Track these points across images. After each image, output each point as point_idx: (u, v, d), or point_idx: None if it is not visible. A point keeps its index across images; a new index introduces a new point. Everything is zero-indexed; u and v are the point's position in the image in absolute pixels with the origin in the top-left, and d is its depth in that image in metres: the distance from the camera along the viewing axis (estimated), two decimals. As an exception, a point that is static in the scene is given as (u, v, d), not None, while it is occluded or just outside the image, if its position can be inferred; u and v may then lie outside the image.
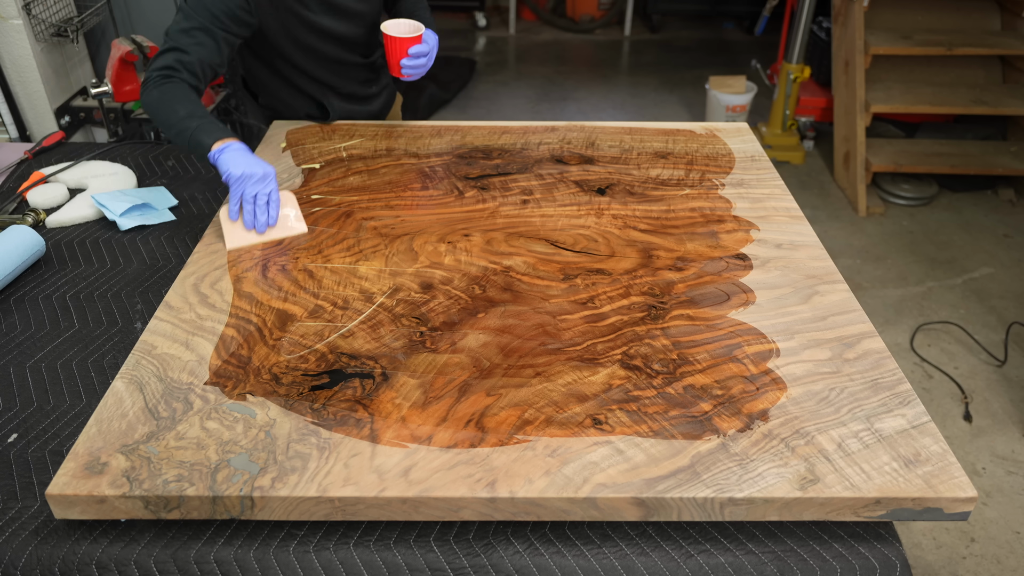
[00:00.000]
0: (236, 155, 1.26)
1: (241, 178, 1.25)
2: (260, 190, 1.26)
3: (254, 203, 1.25)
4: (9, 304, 1.23)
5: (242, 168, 1.25)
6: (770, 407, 0.95)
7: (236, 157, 1.26)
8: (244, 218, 1.26)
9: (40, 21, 1.94)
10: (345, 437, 0.90)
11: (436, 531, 0.87)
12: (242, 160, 1.26)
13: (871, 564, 0.84)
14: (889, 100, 3.32)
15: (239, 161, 1.25)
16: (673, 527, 0.88)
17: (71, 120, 2.10)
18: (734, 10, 5.65)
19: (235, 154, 1.26)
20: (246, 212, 1.26)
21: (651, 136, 1.65)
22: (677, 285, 1.17)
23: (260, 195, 1.25)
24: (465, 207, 1.38)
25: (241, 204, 1.26)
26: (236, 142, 1.29)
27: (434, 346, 1.05)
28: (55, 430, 0.99)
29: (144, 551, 0.85)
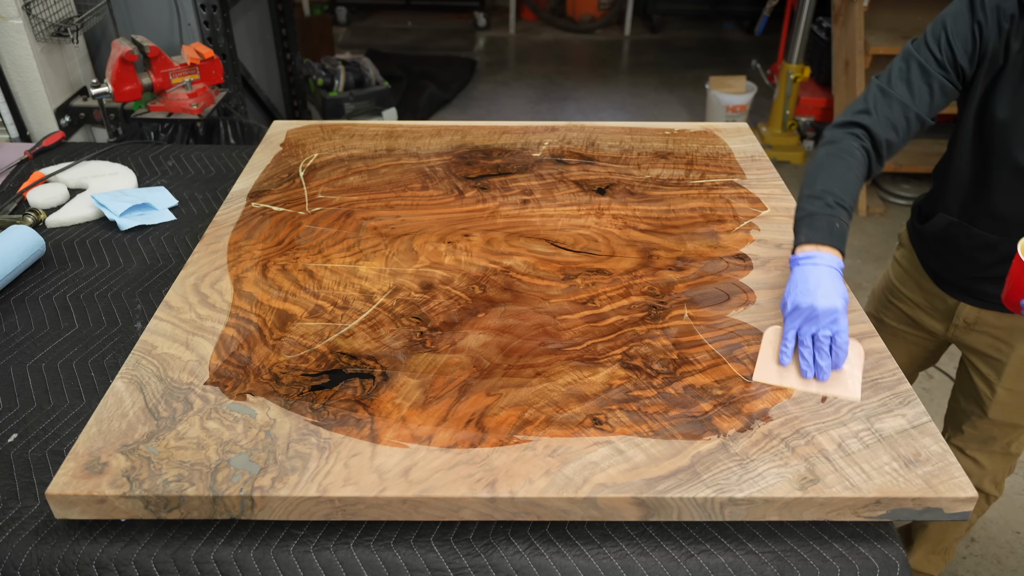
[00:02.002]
0: (805, 275, 1.01)
1: (794, 312, 1.00)
2: (820, 331, 0.99)
3: (812, 345, 0.99)
4: (9, 304, 1.23)
5: (797, 298, 1.00)
6: (770, 407, 0.95)
7: (803, 278, 1.01)
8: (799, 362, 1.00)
9: (40, 21, 1.93)
10: (345, 437, 0.90)
11: (436, 531, 0.87)
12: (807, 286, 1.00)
13: (871, 564, 0.84)
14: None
15: (802, 286, 1.00)
16: (673, 527, 0.88)
17: (71, 120, 2.10)
18: (734, 10, 5.65)
19: (805, 272, 1.01)
20: (801, 356, 0.99)
21: (651, 136, 1.65)
22: (677, 285, 1.17)
23: (821, 336, 0.99)
24: (465, 207, 1.38)
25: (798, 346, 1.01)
26: (826, 254, 1.02)
27: (434, 346, 1.05)
28: (55, 430, 0.99)
29: (144, 551, 0.85)
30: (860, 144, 1.13)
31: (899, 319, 1.48)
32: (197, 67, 2.07)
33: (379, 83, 3.77)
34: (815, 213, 1.06)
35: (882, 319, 1.51)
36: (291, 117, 3.59)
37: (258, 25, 3.19)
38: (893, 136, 1.14)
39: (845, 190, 1.08)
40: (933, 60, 1.13)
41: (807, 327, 1.00)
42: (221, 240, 1.28)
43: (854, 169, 1.11)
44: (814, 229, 1.05)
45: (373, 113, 3.73)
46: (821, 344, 0.98)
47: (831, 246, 1.03)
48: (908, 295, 1.44)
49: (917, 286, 1.42)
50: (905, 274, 1.44)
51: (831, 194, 1.07)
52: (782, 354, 1.01)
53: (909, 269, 1.43)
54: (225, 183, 1.58)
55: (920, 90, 1.14)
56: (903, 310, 1.46)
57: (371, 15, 5.93)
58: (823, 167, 1.12)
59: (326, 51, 4.33)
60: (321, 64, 3.74)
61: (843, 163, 1.11)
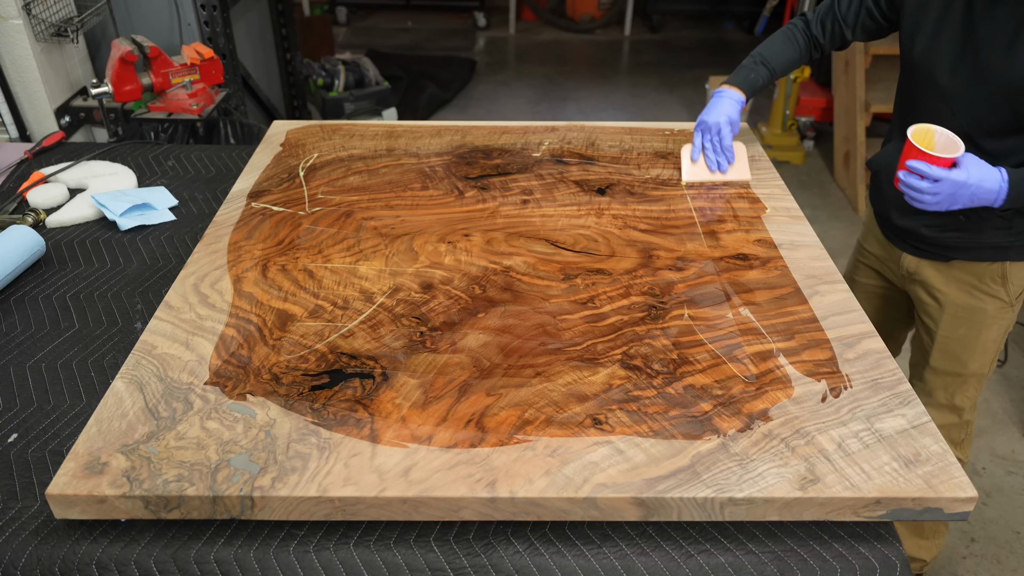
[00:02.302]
0: (716, 103, 1.45)
1: (700, 123, 1.47)
2: (713, 137, 1.45)
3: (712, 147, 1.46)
4: (9, 304, 1.23)
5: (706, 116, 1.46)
6: (770, 407, 0.95)
7: (714, 103, 1.45)
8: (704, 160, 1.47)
9: (40, 21, 1.93)
10: (345, 437, 0.90)
11: (436, 531, 0.87)
12: (712, 110, 1.45)
13: (871, 564, 0.84)
14: (889, 100, 3.32)
15: (712, 110, 1.45)
16: (673, 527, 0.88)
17: (71, 120, 2.10)
18: (734, 10, 5.65)
19: (716, 100, 1.46)
20: (706, 155, 1.47)
21: (651, 136, 1.65)
22: (677, 285, 1.17)
23: (714, 140, 1.46)
24: (465, 207, 1.38)
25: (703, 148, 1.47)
26: (731, 90, 1.46)
27: (434, 346, 1.05)
28: (55, 430, 0.99)
29: (144, 551, 0.85)
30: (802, 28, 1.47)
31: (867, 275, 1.59)
32: (197, 67, 2.07)
33: (379, 83, 3.77)
34: (744, 66, 1.48)
35: (854, 279, 1.63)
36: (291, 117, 3.59)
37: (258, 25, 3.19)
38: (820, 33, 1.45)
39: (773, 55, 1.47)
40: None
41: (705, 135, 1.47)
42: (221, 240, 1.28)
43: (789, 43, 1.47)
44: (735, 75, 1.48)
45: (373, 113, 3.73)
46: (714, 145, 1.47)
47: (737, 87, 1.46)
48: (870, 250, 1.56)
49: (875, 240, 1.54)
50: (867, 230, 1.58)
51: (761, 55, 1.47)
52: (694, 150, 1.48)
53: (869, 224, 1.56)
54: (225, 183, 1.58)
55: (853, 8, 1.40)
56: (870, 265, 1.58)
57: (371, 15, 5.93)
58: (772, 38, 1.49)
59: (326, 51, 4.33)
60: (321, 64, 3.74)
61: (782, 36, 1.48)
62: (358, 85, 3.71)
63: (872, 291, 1.60)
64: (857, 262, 1.62)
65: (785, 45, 1.47)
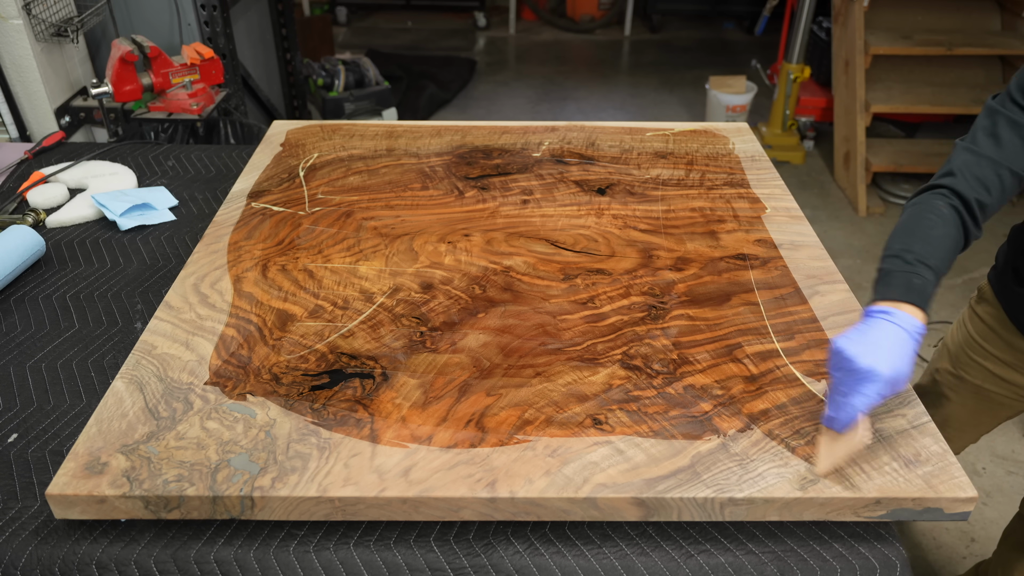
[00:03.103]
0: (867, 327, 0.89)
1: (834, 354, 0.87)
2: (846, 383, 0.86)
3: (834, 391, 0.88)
4: (9, 304, 1.23)
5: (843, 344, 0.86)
6: (770, 407, 0.95)
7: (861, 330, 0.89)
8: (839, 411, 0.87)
9: (40, 21, 1.93)
10: (345, 437, 0.90)
11: (436, 531, 0.87)
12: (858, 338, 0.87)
13: (871, 564, 0.84)
14: (889, 100, 3.32)
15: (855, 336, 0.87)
16: (673, 527, 0.88)
17: (71, 120, 2.10)
18: (734, 10, 5.65)
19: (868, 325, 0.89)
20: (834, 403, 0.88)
21: (651, 136, 1.65)
22: (677, 285, 1.17)
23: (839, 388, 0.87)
24: (465, 207, 1.38)
25: None
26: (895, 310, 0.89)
27: (434, 346, 1.05)
28: (55, 430, 0.99)
29: (144, 551, 0.85)
30: (947, 202, 1.01)
31: (984, 377, 1.37)
32: (197, 67, 2.07)
33: (379, 83, 3.77)
34: (892, 271, 0.95)
35: (962, 376, 1.40)
36: (291, 117, 3.59)
37: (258, 25, 3.19)
38: (985, 195, 1.01)
39: (928, 247, 0.96)
40: (1020, 110, 1.02)
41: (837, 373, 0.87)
42: (221, 240, 1.28)
43: (939, 227, 0.99)
44: (890, 286, 0.93)
45: (373, 113, 3.73)
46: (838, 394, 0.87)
47: (912, 303, 0.91)
48: (993, 352, 1.33)
49: (1005, 344, 1.31)
50: (989, 331, 1.33)
51: (911, 252, 0.96)
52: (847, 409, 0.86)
53: (995, 327, 1.32)
54: (225, 183, 1.58)
55: (1011, 144, 1.02)
56: (987, 367, 1.35)
57: (371, 15, 5.93)
58: (902, 226, 1.00)
59: (326, 51, 4.33)
60: (321, 64, 3.74)
61: (926, 221, 0.99)
62: (358, 85, 3.71)
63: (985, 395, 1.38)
64: (969, 359, 1.38)
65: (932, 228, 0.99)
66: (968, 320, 1.40)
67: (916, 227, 0.99)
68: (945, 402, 1.45)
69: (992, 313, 1.33)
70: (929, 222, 1.00)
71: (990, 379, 1.36)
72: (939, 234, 0.98)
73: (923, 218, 1.00)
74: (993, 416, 1.43)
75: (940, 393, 1.46)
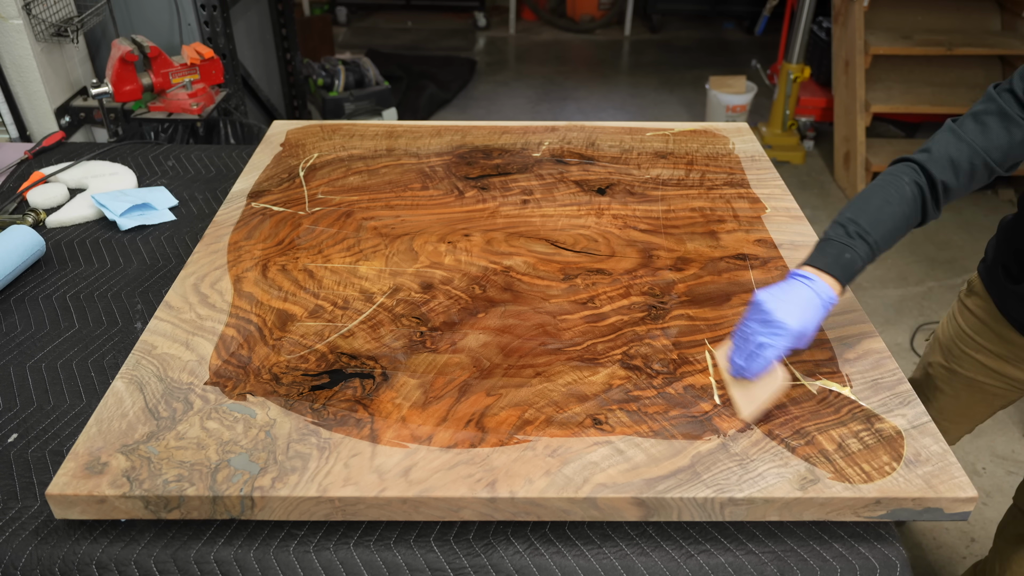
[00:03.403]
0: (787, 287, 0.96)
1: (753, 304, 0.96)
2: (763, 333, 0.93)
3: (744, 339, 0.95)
4: (9, 304, 1.23)
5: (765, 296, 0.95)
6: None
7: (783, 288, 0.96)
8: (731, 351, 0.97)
9: (40, 21, 1.93)
10: (345, 437, 0.90)
11: (436, 531, 0.87)
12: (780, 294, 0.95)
13: (871, 564, 0.84)
14: (889, 100, 3.32)
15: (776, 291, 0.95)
16: (673, 527, 0.88)
17: (71, 120, 2.10)
18: (734, 10, 5.65)
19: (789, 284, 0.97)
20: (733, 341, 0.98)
21: (651, 136, 1.65)
22: (677, 285, 1.17)
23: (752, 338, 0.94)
24: (465, 207, 1.38)
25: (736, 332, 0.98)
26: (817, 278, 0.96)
27: (434, 346, 1.05)
28: (55, 430, 0.99)
29: (144, 551, 0.85)
30: (913, 179, 1.03)
31: (976, 369, 1.38)
32: (197, 67, 2.07)
33: (379, 83, 3.77)
34: (831, 239, 1.00)
35: (954, 369, 1.41)
36: (291, 117, 3.59)
37: (258, 25, 3.19)
38: (952, 180, 1.02)
39: (875, 222, 1.00)
40: (1016, 104, 1.01)
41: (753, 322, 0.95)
42: (221, 240, 1.28)
43: (895, 204, 1.01)
44: (821, 254, 0.99)
45: (373, 113, 3.73)
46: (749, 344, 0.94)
47: (832, 275, 0.97)
48: (985, 344, 1.35)
49: (997, 336, 1.32)
50: (980, 324, 1.35)
51: (856, 224, 1.00)
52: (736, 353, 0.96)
53: (985, 320, 1.34)
54: (225, 183, 1.58)
55: (996, 135, 1.01)
56: (980, 360, 1.36)
57: (371, 15, 5.93)
58: (863, 195, 1.04)
59: (326, 51, 4.33)
60: (321, 64, 3.74)
61: (885, 195, 1.02)
62: (358, 85, 3.71)
63: (979, 386, 1.40)
64: (961, 352, 1.39)
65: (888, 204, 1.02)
66: (958, 313, 1.41)
67: (873, 199, 1.02)
68: (939, 395, 1.47)
69: (982, 306, 1.34)
70: (887, 196, 1.02)
71: (982, 371, 1.37)
72: (892, 211, 1.01)
73: (884, 191, 1.03)
74: (987, 406, 1.44)
75: (934, 386, 1.48)
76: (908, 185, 1.02)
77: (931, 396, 1.48)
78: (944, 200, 1.03)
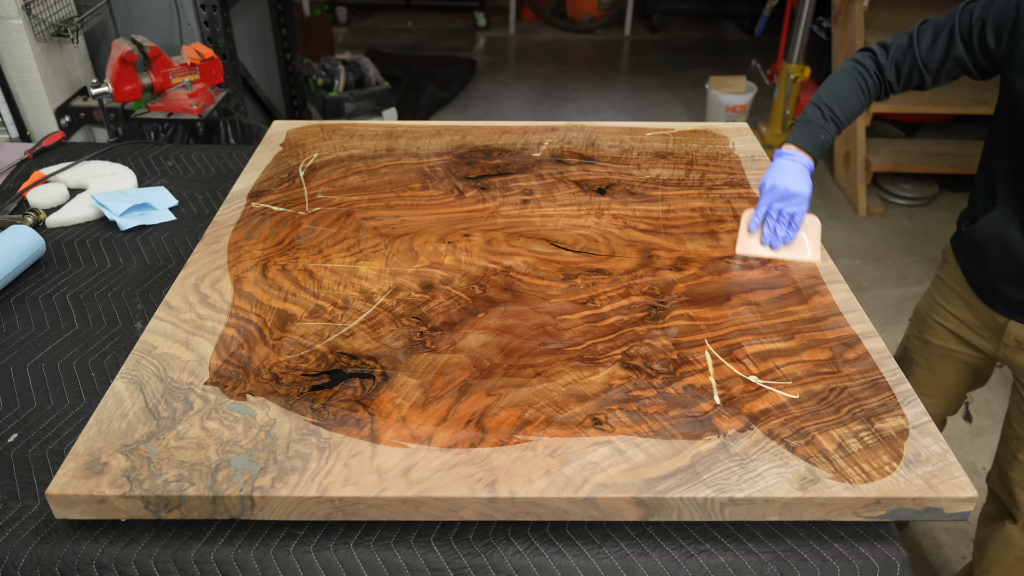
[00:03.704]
0: (784, 166, 1.23)
1: (770, 190, 1.22)
2: (785, 207, 1.22)
3: (776, 218, 1.22)
4: (9, 304, 1.23)
5: (775, 181, 1.22)
6: (770, 407, 0.95)
7: (782, 168, 1.23)
8: (764, 230, 1.24)
9: (40, 21, 1.93)
10: (345, 437, 0.90)
11: (436, 531, 0.87)
12: (784, 174, 1.22)
13: (871, 564, 0.84)
14: (889, 100, 3.32)
15: (780, 174, 1.22)
16: (673, 527, 0.88)
17: (71, 120, 2.10)
18: (734, 10, 5.65)
19: (784, 164, 1.23)
20: (767, 225, 1.23)
21: (651, 136, 1.65)
22: (677, 285, 1.17)
23: (784, 212, 1.22)
24: (465, 207, 1.38)
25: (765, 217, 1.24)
26: (800, 154, 1.24)
27: (434, 346, 1.05)
28: (55, 430, 0.99)
29: (144, 551, 0.85)
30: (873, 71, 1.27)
31: (945, 337, 1.45)
32: (197, 67, 2.07)
33: (379, 83, 3.77)
34: (811, 121, 1.27)
35: (927, 339, 1.48)
36: (291, 117, 3.59)
37: (258, 25, 3.19)
38: (895, 80, 1.27)
39: (844, 106, 1.26)
40: (967, 28, 1.17)
41: (777, 204, 1.23)
42: (221, 240, 1.28)
43: (859, 92, 1.27)
44: (804, 135, 1.26)
45: (373, 113, 3.73)
46: (783, 218, 1.22)
47: (809, 153, 1.25)
48: (954, 312, 1.41)
49: (964, 303, 1.39)
50: (950, 291, 1.42)
51: (830, 108, 1.26)
52: (752, 222, 1.25)
53: (954, 286, 1.41)
54: (225, 183, 1.58)
55: (939, 51, 1.20)
56: (949, 328, 1.43)
57: (371, 15, 5.93)
58: (837, 79, 1.28)
59: (326, 51, 4.33)
60: (321, 64, 3.74)
61: (852, 82, 1.27)
62: (358, 85, 3.71)
63: (950, 355, 1.47)
64: (932, 321, 1.47)
65: (856, 94, 1.27)
66: (933, 286, 1.49)
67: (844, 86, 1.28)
68: (915, 367, 1.54)
69: (953, 275, 1.42)
70: (852, 85, 1.28)
71: (952, 339, 1.45)
72: (857, 99, 1.28)
73: (852, 80, 1.28)
74: (958, 376, 1.50)
75: (910, 359, 1.57)
76: (869, 78, 1.28)
77: (908, 370, 1.55)
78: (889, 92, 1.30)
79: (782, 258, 1.23)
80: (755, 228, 1.24)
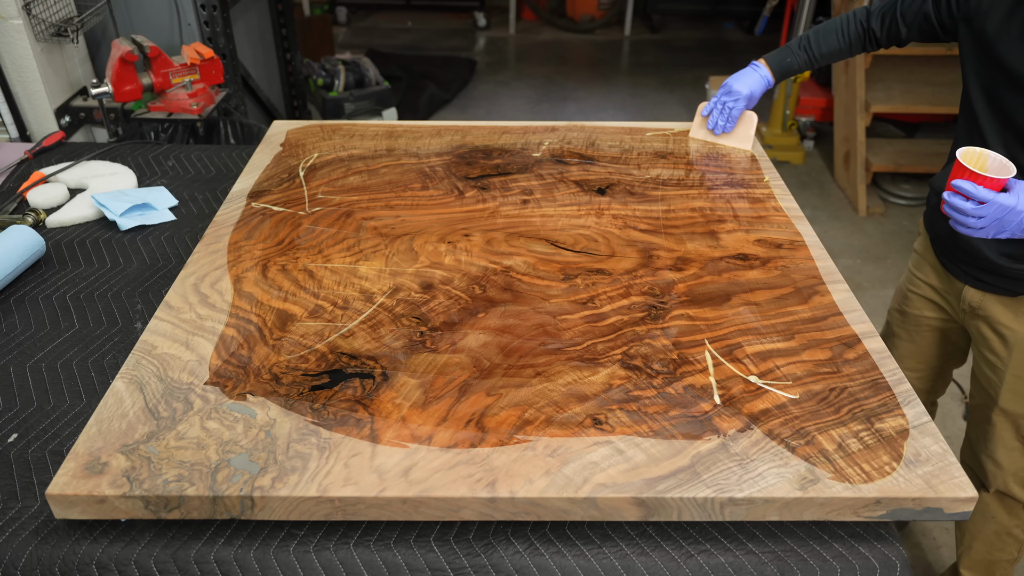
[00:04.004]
0: (743, 72, 1.56)
1: (723, 87, 1.57)
2: (727, 101, 1.56)
3: (720, 110, 1.57)
4: (9, 304, 1.23)
5: (729, 80, 1.57)
6: (770, 407, 0.95)
7: (742, 73, 1.57)
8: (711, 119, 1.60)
9: (40, 21, 1.93)
10: (345, 437, 0.90)
11: (436, 531, 0.87)
12: (738, 77, 1.56)
13: (871, 564, 0.84)
14: (889, 100, 3.32)
15: (736, 77, 1.57)
16: (673, 527, 0.88)
17: (71, 120, 2.10)
18: (734, 10, 5.65)
19: (745, 70, 1.56)
20: (712, 114, 1.59)
21: (651, 136, 1.65)
22: (677, 285, 1.17)
23: (727, 105, 1.56)
24: (465, 207, 1.38)
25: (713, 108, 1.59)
26: (762, 67, 1.55)
27: (434, 346, 1.05)
28: (55, 430, 0.99)
29: (144, 551, 0.85)
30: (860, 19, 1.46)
31: (920, 306, 1.52)
32: (197, 67, 2.07)
33: (379, 83, 3.77)
34: (787, 47, 1.54)
35: (904, 310, 1.56)
36: (291, 117, 3.59)
37: (258, 25, 3.19)
38: (878, 27, 1.44)
39: (820, 42, 1.50)
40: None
41: (724, 97, 1.57)
42: (221, 240, 1.28)
43: (841, 32, 1.48)
44: (775, 55, 1.55)
45: (373, 113, 3.73)
46: (725, 109, 1.57)
47: (772, 70, 1.54)
48: (924, 279, 1.50)
49: (931, 269, 1.48)
50: (920, 259, 1.51)
51: (807, 40, 1.51)
52: (705, 108, 1.62)
53: (923, 253, 1.50)
54: (225, 183, 1.58)
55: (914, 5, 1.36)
56: (922, 295, 1.51)
57: (371, 15, 5.93)
58: (828, 25, 1.50)
59: (326, 51, 4.33)
60: (321, 64, 3.74)
61: (836, 25, 1.49)
62: (358, 85, 3.71)
63: (926, 323, 1.53)
64: (908, 292, 1.54)
65: (835, 35, 1.47)
66: (910, 259, 1.57)
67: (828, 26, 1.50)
68: (897, 340, 1.61)
69: (923, 242, 1.51)
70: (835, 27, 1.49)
71: (926, 306, 1.52)
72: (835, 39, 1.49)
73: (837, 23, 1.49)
74: (938, 347, 1.56)
75: (892, 333, 1.63)
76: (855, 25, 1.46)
77: (892, 344, 1.61)
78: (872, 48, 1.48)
79: (723, 143, 1.61)
80: (706, 113, 1.61)
